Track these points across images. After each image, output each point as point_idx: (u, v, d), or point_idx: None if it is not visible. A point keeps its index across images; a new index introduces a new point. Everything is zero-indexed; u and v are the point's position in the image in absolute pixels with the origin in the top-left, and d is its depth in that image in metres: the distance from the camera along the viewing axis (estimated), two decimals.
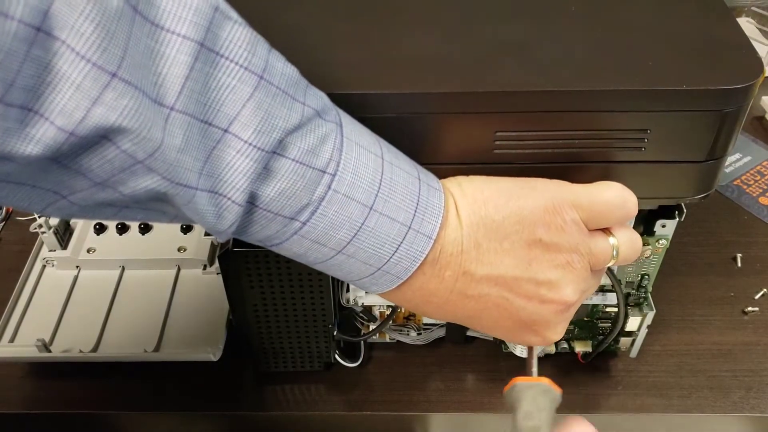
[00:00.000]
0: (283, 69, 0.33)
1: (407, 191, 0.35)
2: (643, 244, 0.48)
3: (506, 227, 0.36)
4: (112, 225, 0.63)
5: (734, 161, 0.77)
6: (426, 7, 0.41)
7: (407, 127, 0.38)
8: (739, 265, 0.66)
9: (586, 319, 0.55)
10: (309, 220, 0.34)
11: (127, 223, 0.63)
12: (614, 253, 0.40)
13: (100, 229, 0.63)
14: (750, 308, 0.62)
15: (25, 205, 0.30)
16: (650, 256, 0.49)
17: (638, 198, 0.43)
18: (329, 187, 0.33)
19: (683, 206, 0.46)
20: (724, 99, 0.37)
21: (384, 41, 0.39)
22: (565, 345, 0.57)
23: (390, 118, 0.37)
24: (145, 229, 0.63)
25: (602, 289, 0.52)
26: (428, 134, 0.38)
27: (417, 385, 0.57)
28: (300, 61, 0.38)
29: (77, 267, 0.62)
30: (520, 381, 0.40)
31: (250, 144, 0.31)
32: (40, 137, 0.26)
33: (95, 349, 0.55)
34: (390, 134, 0.38)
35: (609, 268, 0.48)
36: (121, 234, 0.63)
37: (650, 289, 0.52)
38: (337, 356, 0.55)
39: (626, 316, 0.53)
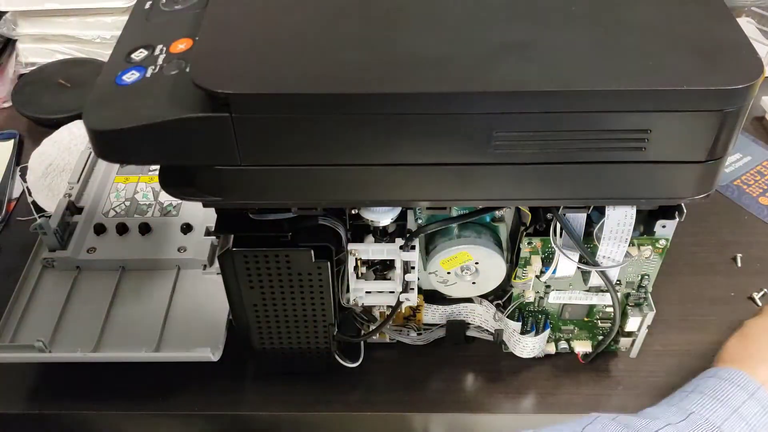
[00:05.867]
0: None
1: None
2: (644, 245, 0.48)
3: None
4: (111, 225, 0.63)
5: (734, 161, 0.77)
6: (426, 7, 0.41)
7: (407, 127, 0.38)
8: (739, 265, 0.66)
9: (586, 319, 0.55)
10: None
11: (127, 223, 0.63)
12: None
13: (100, 229, 0.63)
14: (750, 308, 0.62)
15: None
16: (650, 256, 0.49)
17: (638, 198, 0.43)
18: None
19: (683, 206, 0.46)
20: (724, 99, 0.37)
21: (384, 41, 0.39)
22: (565, 345, 0.57)
23: (390, 118, 0.37)
24: (145, 229, 0.63)
25: (600, 290, 0.52)
26: (427, 134, 0.38)
27: (417, 385, 0.57)
28: (302, 61, 0.38)
29: (77, 267, 0.62)
30: None
31: None
32: None
33: (95, 349, 0.55)
34: (390, 134, 0.38)
35: (603, 272, 0.48)
36: (121, 234, 0.63)
37: (650, 289, 0.52)
38: (337, 356, 0.55)
39: (623, 317, 0.53)
